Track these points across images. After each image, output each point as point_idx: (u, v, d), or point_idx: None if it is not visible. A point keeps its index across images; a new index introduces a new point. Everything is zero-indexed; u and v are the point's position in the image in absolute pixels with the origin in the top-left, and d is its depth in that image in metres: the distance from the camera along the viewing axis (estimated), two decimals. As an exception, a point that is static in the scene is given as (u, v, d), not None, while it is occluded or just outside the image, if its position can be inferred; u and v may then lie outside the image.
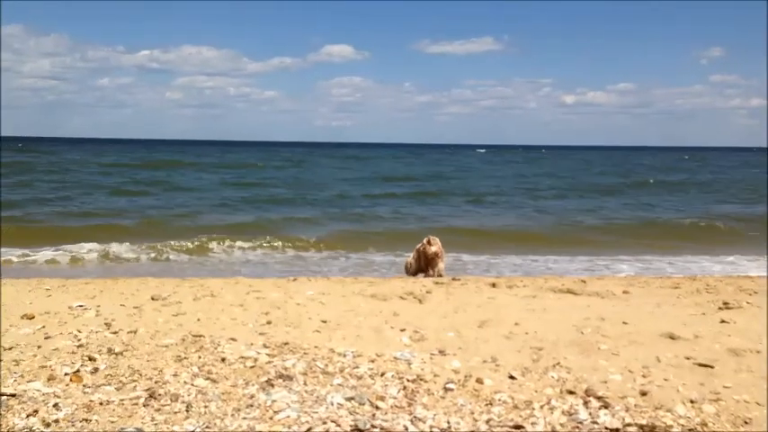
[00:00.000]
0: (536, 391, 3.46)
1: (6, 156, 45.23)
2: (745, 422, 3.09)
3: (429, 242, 8.79)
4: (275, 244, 13.45)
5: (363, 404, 3.25)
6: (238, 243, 13.29)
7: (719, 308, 5.73)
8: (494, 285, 7.20)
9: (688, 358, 4.03)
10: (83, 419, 2.99)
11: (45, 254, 11.70)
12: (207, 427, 2.96)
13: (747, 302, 5.95)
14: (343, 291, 6.62)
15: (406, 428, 2.99)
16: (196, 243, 12.99)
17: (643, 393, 3.42)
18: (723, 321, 5.09)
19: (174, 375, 3.61)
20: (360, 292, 6.54)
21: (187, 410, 3.14)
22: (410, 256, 9.44)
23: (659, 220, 18.83)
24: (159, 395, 3.30)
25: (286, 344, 4.27)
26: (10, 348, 4.04)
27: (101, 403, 3.18)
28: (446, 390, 3.48)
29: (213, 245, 13.08)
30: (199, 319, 4.98)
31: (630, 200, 25.09)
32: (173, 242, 12.90)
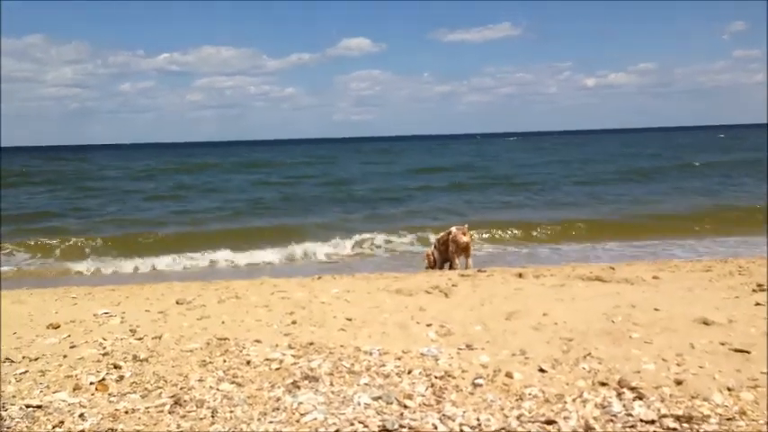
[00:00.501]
0: (567, 384, 3.38)
1: (35, 165, 45.88)
2: (787, 409, 2.98)
3: (464, 232, 8.71)
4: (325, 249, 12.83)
5: (391, 403, 3.19)
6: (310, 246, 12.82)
7: (753, 290, 5.59)
8: (520, 276, 7.11)
9: (723, 344, 3.91)
10: (108, 429, 2.97)
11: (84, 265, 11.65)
12: (233, 432, 2.92)
13: (782, 283, 5.79)
14: (368, 287, 6.58)
15: (436, 427, 2.92)
16: (248, 250, 12.54)
17: (678, 382, 3.32)
18: (758, 304, 4.95)
19: (200, 380, 3.58)
20: (385, 287, 6.49)
21: (213, 416, 3.10)
22: (430, 248, 9.35)
23: (723, 204, 17.31)
24: (185, 401, 3.27)
25: (311, 344, 4.23)
26: (36, 359, 4.05)
27: (126, 412, 3.16)
28: (475, 385, 3.41)
29: (268, 251, 12.57)
30: (223, 322, 4.96)
31: (683, 183, 23.69)
32: (218, 252, 12.44)
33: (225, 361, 3.93)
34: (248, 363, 3.87)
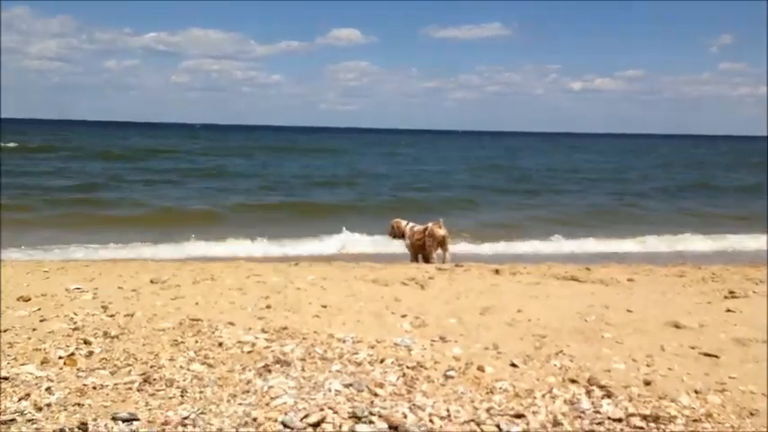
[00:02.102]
0: (538, 380, 3.40)
1: (30, 139, 45.23)
2: (751, 413, 3.02)
3: (439, 226, 8.79)
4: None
5: (362, 391, 3.19)
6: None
7: (725, 297, 5.66)
8: (497, 272, 7.14)
9: (693, 348, 3.96)
10: (75, 404, 2.94)
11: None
12: (202, 412, 2.90)
13: (753, 291, 5.87)
14: (345, 276, 6.57)
15: (405, 416, 2.92)
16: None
17: (647, 383, 3.35)
18: (729, 310, 5.01)
19: (170, 360, 3.55)
20: (361, 277, 6.49)
21: (182, 395, 3.08)
22: (401, 222, 9.38)
23: None
24: (154, 380, 3.25)
25: (285, 329, 4.21)
26: (5, 331, 3.99)
27: (94, 387, 3.13)
28: (446, 377, 3.42)
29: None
30: (197, 303, 4.93)
31: None
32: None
33: (197, 342, 3.90)
34: (220, 344, 3.85)
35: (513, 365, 3.60)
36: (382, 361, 3.64)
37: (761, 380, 3.40)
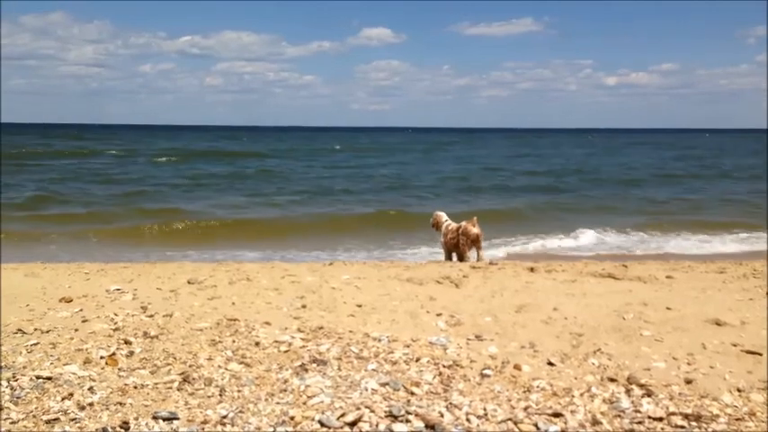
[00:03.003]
0: (576, 379, 3.37)
1: (69, 144, 46.09)
2: (797, 412, 2.95)
3: (473, 224, 8.75)
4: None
5: (398, 390, 3.19)
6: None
7: (767, 293, 5.54)
8: (532, 270, 7.09)
9: (735, 345, 3.88)
10: (117, 403, 2.99)
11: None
12: (240, 411, 2.93)
13: (797, 287, 5.74)
14: (379, 275, 6.57)
15: (442, 415, 2.92)
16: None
17: (688, 381, 3.30)
18: (772, 307, 4.91)
19: (209, 359, 3.60)
20: (396, 276, 6.49)
21: (220, 395, 3.12)
22: (441, 216, 9.38)
23: None
24: (193, 379, 3.29)
25: (320, 328, 4.24)
26: (48, 331, 4.08)
27: (135, 387, 3.18)
28: (483, 376, 3.40)
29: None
30: (234, 303, 4.98)
31: None
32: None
33: (234, 341, 3.94)
34: (257, 344, 3.89)
35: (551, 364, 3.57)
36: (418, 360, 3.63)
37: (806, 378, 3.32)
